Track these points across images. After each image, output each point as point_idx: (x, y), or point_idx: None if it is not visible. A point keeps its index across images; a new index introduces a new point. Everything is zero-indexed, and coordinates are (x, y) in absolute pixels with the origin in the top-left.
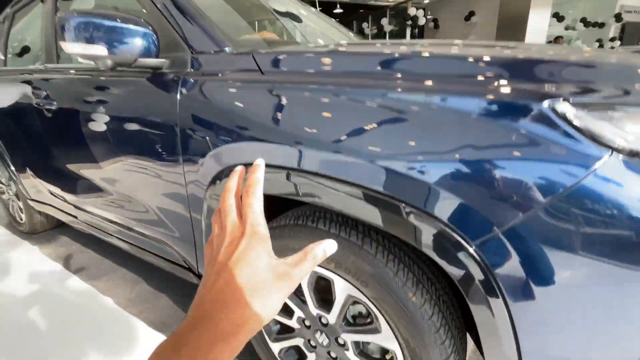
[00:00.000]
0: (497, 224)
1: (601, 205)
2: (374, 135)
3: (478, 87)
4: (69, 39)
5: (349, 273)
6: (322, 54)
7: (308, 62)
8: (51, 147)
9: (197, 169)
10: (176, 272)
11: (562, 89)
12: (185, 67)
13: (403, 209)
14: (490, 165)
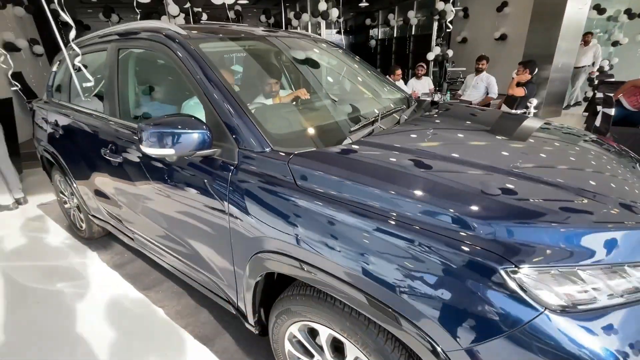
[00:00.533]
0: (461, 343)
1: (528, 346)
2: (374, 257)
3: (460, 239)
4: (145, 144)
5: (357, 343)
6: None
7: (333, 184)
8: (112, 183)
9: (243, 238)
10: (218, 301)
11: (518, 253)
12: (234, 159)
13: (400, 319)
14: (462, 305)
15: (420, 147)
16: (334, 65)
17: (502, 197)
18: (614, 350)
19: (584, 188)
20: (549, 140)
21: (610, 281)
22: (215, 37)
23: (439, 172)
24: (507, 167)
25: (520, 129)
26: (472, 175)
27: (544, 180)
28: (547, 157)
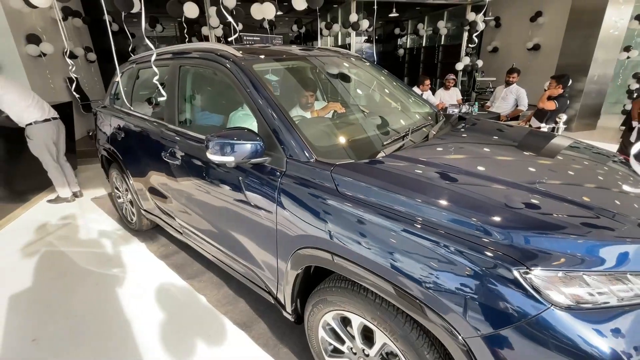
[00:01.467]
0: (478, 331)
1: (541, 335)
2: (406, 256)
3: (480, 243)
4: (211, 152)
5: (386, 330)
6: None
7: (370, 193)
8: (167, 182)
9: (287, 237)
10: (258, 291)
11: (530, 257)
12: (282, 167)
13: (425, 309)
14: (480, 298)
15: (447, 161)
16: (368, 81)
17: (517, 209)
18: (610, 345)
19: (593, 204)
20: (567, 158)
21: (613, 286)
22: (265, 58)
23: (463, 185)
24: (524, 182)
25: (543, 147)
26: (493, 188)
27: (557, 196)
28: (562, 174)
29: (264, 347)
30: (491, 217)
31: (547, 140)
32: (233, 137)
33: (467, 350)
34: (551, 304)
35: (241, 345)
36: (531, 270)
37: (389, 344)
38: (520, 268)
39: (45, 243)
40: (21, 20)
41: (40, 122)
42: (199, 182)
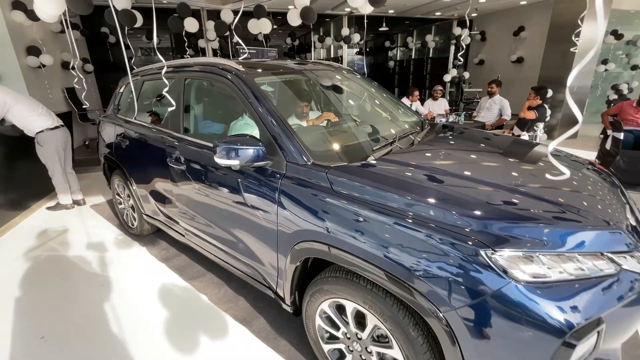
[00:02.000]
0: (453, 305)
1: (502, 304)
2: (397, 245)
3: (454, 231)
4: (218, 156)
5: (377, 313)
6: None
7: (361, 190)
8: (171, 187)
9: (287, 233)
10: (258, 287)
11: (496, 241)
12: (282, 169)
13: (411, 290)
14: (455, 278)
15: (429, 163)
16: (359, 92)
17: (487, 203)
18: (560, 312)
19: (553, 198)
20: (516, 158)
21: (564, 265)
22: (265, 72)
23: (442, 183)
24: (495, 181)
25: (514, 151)
26: (467, 186)
27: (518, 191)
28: (529, 175)
29: (264, 340)
30: (464, 210)
31: (517, 145)
32: (237, 143)
33: (446, 324)
34: (512, 279)
35: (242, 339)
36: (496, 251)
37: (379, 325)
38: (487, 250)
39: (47, 248)
40: (22, 33)
41: (50, 130)
42: (203, 186)
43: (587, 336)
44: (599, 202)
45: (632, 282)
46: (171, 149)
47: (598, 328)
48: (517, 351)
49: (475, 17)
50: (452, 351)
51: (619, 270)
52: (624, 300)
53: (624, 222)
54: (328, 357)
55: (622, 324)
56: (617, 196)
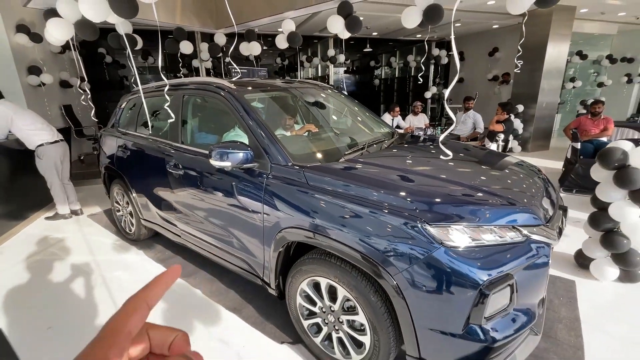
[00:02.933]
0: (399, 268)
1: (434, 264)
2: (360, 225)
3: (401, 210)
4: (213, 159)
5: (345, 285)
6: (337, 183)
7: (330, 183)
8: (170, 192)
9: (270, 223)
10: (247, 277)
11: (431, 218)
12: (267, 170)
13: (370, 262)
14: (397, 246)
15: (390, 163)
16: (337, 106)
17: (428, 190)
18: (476, 269)
19: (484, 187)
20: (466, 158)
21: (483, 234)
22: (254, 89)
23: (396, 177)
24: (437, 175)
25: (463, 153)
26: (415, 179)
27: (454, 181)
28: (460, 167)
29: (252, 324)
30: (411, 195)
31: (461, 149)
32: (229, 148)
33: (395, 284)
34: (442, 245)
35: (233, 325)
36: (430, 225)
37: (348, 295)
38: (424, 224)
39: (48, 253)
40: (24, 54)
41: (50, 144)
42: (199, 189)
43: (499, 287)
44: (520, 192)
45: (537, 249)
46: (170, 157)
47: (509, 282)
48: (448, 301)
49: (453, 39)
50: (401, 306)
51: (525, 240)
52: (529, 262)
53: (535, 205)
54: (308, 331)
55: (532, 283)
56: (540, 190)
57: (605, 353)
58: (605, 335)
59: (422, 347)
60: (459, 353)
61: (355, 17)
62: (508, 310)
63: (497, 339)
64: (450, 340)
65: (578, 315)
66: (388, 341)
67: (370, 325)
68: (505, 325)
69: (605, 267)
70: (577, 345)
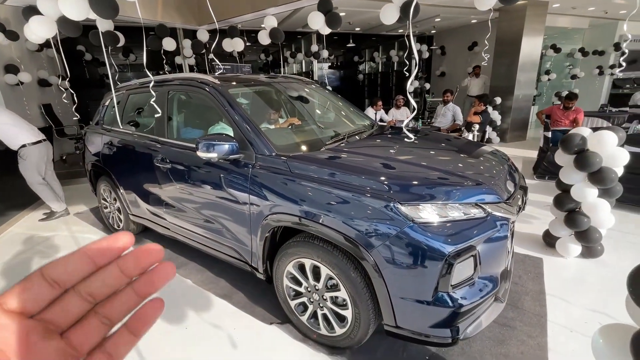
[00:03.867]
0: (375, 245)
1: (406, 239)
2: (340, 208)
3: (375, 192)
4: (200, 150)
5: (327, 264)
6: (318, 170)
7: (311, 170)
8: (158, 187)
9: (256, 211)
10: (237, 264)
11: (403, 198)
12: (252, 160)
13: (350, 240)
14: (373, 225)
15: (367, 151)
16: (320, 100)
17: (403, 174)
18: (442, 241)
19: (452, 170)
20: (439, 146)
21: (448, 211)
22: (238, 84)
23: (373, 163)
24: (410, 160)
25: (435, 141)
26: (390, 164)
27: (425, 166)
28: (432, 154)
29: (242, 308)
30: (387, 179)
31: (435, 137)
32: (215, 140)
33: (373, 262)
34: (412, 221)
35: (224, 310)
36: (402, 204)
37: (330, 274)
38: (396, 204)
39: (36, 251)
40: (0, 52)
41: (33, 144)
42: (187, 182)
43: (463, 258)
44: (485, 175)
45: (498, 224)
46: (157, 152)
47: (472, 253)
48: (418, 271)
49: (434, 34)
50: (377, 279)
51: (487, 215)
52: (490, 234)
53: (497, 185)
54: (295, 311)
55: (494, 254)
56: (504, 173)
57: (565, 319)
58: (567, 304)
59: (397, 315)
60: (431, 319)
61: (335, 14)
62: (473, 278)
63: (464, 305)
64: (422, 308)
65: (543, 288)
66: (368, 313)
67: (351, 300)
68: (470, 292)
69: (569, 244)
70: (541, 313)
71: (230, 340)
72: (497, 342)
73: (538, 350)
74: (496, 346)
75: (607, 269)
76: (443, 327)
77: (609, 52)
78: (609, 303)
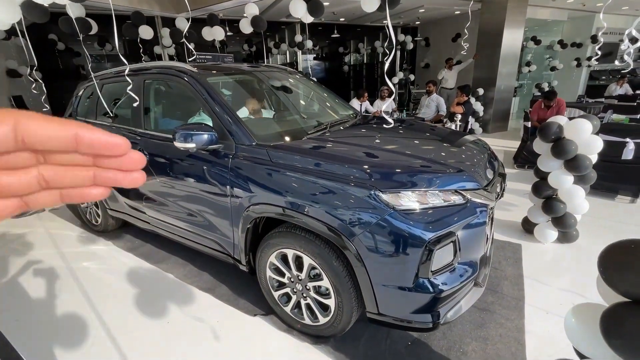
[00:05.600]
0: (356, 233)
1: (387, 226)
2: (322, 197)
3: (356, 181)
4: (177, 140)
5: (310, 253)
6: (301, 159)
7: (293, 160)
8: None
9: (237, 202)
10: (219, 257)
11: (383, 185)
12: (232, 150)
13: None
14: (356, 214)
15: (349, 139)
16: (303, 90)
17: (384, 162)
18: (422, 227)
19: (433, 158)
20: (423, 135)
21: (428, 198)
22: (217, 72)
23: (354, 152)
24: (391, 148)
25: (418, 130)
26: (370, 152)
27: (407, 154)
28: (415, 143)
29: (226, 301)
30: (366, 166)
31: (417, 126)
32: (193, 129)
33: (355, 250)
34: (393, 209)
35: (207, 303)
36: (383, 192)
37: (313, 263)
38: (377, 192)
39: (10, 250)
40: None
41: None
42: (167, 175)
43: (443, 244)
44: (465, 162)
45: (476, 210)
46: (135, 145)
47: (451, 239)
48: (399, 258)
49: (419, 25)
50: (359, 267)
51: (466, 202)
52: (469, 220)
53: (476, 172)
54: (278, 302)
55: (473, 239)
56: (483, 161)
57: (542, 301)
58: (544, 287)
59: (379, 303)
60: (412, 305)
61: (317, 1)
62: (453, 264)
63: (444, 290)
64: (403, 294)
65: (522, 272)
66: (350, 301)
67: (334, 288)
68: (450, 278)
69: (546, 230)
70: (519, 297)
71: (214, 333)
72: (477, 326)
73: (515, 332)
74: (476, 329)
75: (581, 252)
76: (424, 312)
77: (586, 45)
78: (583, 285)
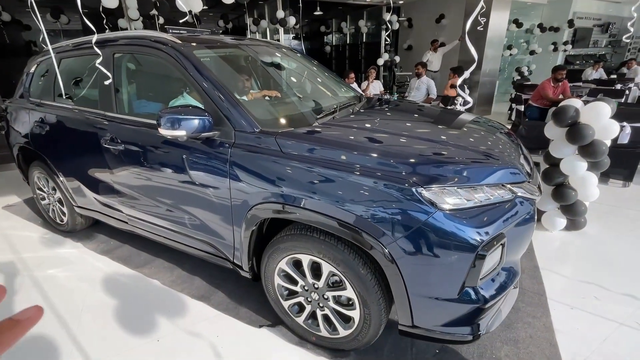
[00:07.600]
0: (395, 238)
1: (431, 230)
2: (338, 193)
3: (392, 175)
4: (163, 127)
5: (331, 260)
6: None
7: (312, 150)
8: (109, 172)
9: (240, 200)
10: (214, 261)
11: (425, 181)
12: (231, 138)
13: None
14: (394, 214)
15: (368, 126)
16: (298, 68)
17: (417, 152)
18: (472, 229)
19: (475, 148)
20: (440, 120)
21: (476, 194)
22: (204, 45)
23: (380, 141)
24: (424, 137)
25: (432, 115)
26: (401, 141)
27: (442, 142)
28: (438, 128)
29: (224, 311)
30: (399, 158)
31: (442, 112)
32: (182, 113)
33: (390, 257)
34: (437, 209)
35: (202, 314)
36: (425, 188)
37: (334, 271)
38: (417, 188)
39: None
40: None
41: None
42: (146, 167)
43: (494, 248)
44: (502, 151)
45: (523, 205)
46: (104, 131)
47: (502, 241)
48: (444, 267)
49: (402, 5)
50: (396, 279)
51: (514, 197)
52: (518, 219)
53: (518, 163)
54: (289, 312)
55: (518, 239)
56: (515, 149)
57: (564, 295)
58: (562, 278)
59: (415, 315)
60: (452, 316)
61: None
62: (497, 269)
63: (488, 299)
64: (444, 305)
65: (537, 264)
66: (379, 313)
67: (359, 299)
68: (495, 285)
69: (555, 218)
70: (540, 291)
71: (214, 350)
72: (505, 327)
73: (545, 332)
74: (504, 331)
75: (590, 240)
76: (464, 324)
77: (563, 29)
78: (600, 276)
